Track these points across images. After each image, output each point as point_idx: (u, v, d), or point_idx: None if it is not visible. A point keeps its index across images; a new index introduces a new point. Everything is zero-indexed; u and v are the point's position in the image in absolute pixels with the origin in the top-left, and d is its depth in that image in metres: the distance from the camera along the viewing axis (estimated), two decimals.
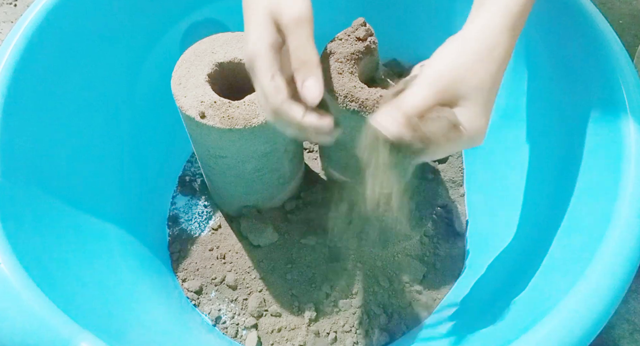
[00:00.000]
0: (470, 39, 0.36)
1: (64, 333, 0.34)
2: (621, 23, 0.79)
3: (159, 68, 0.58)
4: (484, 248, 0.58)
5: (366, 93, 0.44)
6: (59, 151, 0.47)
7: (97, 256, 0.48)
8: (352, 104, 0.44)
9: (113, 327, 0.41)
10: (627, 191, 0.39)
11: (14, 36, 0.44)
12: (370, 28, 0.48)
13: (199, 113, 0.45)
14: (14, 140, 0.42)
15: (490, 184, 0.60)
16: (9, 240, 0.37)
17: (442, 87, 0.35)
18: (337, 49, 0.47)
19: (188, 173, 0.67)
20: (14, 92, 0.43)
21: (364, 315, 0.56)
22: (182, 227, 0.62)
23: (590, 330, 0.35)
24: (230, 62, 0.49)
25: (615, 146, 0.41)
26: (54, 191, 0.45)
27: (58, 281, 0.40)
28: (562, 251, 0.43)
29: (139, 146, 0.60)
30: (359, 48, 0.47)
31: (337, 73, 0.46)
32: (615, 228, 0.37)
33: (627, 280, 0.36)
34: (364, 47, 0.47)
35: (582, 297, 0.35)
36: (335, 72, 0.46)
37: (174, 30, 0.60)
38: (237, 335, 0.56)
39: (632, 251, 0.37)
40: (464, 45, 0.36)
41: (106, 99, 0.55)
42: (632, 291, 0.63)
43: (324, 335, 0.55)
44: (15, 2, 0.96)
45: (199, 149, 0.52)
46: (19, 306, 0.34)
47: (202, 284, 0.58)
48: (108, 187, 0.54)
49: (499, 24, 0.36)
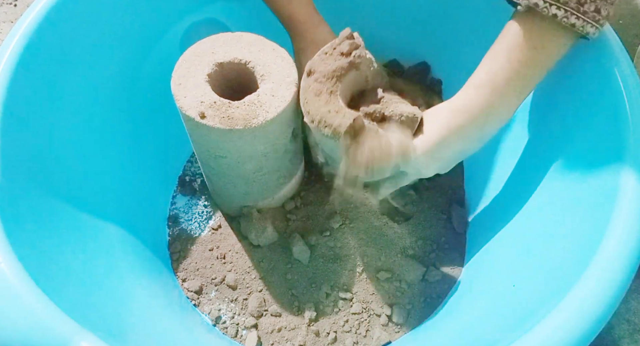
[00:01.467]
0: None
1: (64, 333, 0.34)
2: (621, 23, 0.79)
3: (159, 68, 0.58)
4: (483, 250, 0.58)
5: (339, 118, 0.43)
6: (59, 151, 0.47)
7: (97, 256, 0.48)
8: (326, 129, 0.43)
9: (113, 327, 0.41)
10: (627, 191, 0.39)
11: (14, 36, 0.44)
12: (357, 40, 0.45)
13: (198, 113, 0.45)
14: (14, 140, 0.42)
15: (491, 185, 0.60)
16: (9, 240, 0.37)
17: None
18: (317, 67, 0.45)
19: (188, 173, 0.67)
20: (14, 92, 0.43)
21: (364, 314, 0.56)
22: (182, 227, 0.62)
23: (590, 330, 0.35)
24: (230, 62, 0.49)
25: (616, 146, 0.41)
26: (54, 191, 0.45)
27: (58, 281, 0.40)
28: (561, 251, 0.43)
29: (139, 146, 0.60)
30: (342, 64, 0.44)
31: (314, 95, 0.44)
32: (615, 227, 0.37)
33: (627, 280, 0.36)
34: (347, 63, 0.44)
35: (582, 297, 0.35)
36: (313, 93, 0.44)
37: (174, 30, 0.60)
38: (237, 335, 0.56)
39: (632, 251, 0.37)
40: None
41: (106, 99, 0.55)
42: (632, 291, 0.63)
43: (324, 335, 0.55)
44: (15, 2, 0.96)
45: (199, 149, 0.52)
46: (19, 306, 0.34)
47: (202, 284, 0.58)
48: (108, 187, 0.54)
49: (446, 112, 0.45)
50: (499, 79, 0.42)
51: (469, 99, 0.43)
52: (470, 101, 0.43)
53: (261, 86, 0.48)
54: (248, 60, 0.49)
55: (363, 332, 0.55)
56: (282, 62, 0.49)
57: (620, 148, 0.41)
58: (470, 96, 0.43)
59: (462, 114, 0.43)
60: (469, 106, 0.43)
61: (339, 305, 0.56)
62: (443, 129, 0.44)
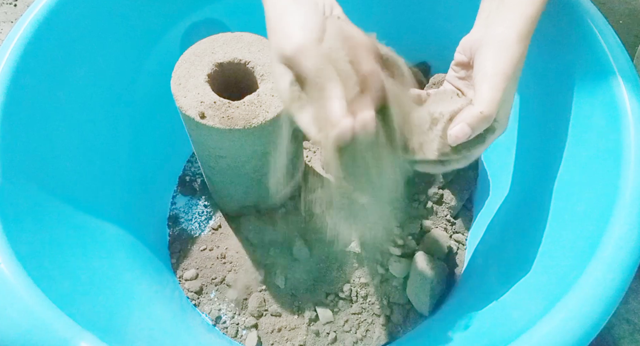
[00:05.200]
0: (491, 42, 0.40)
1: (63, 333, 0.34)
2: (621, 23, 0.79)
3: (159, 68, 0.58)
4: (483, 249, 0.58)
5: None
6: (59, 151, 0.47)
7: (97, 256, 0.47)
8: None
9: (113, 327, 0.41)
10: (626, 190, 0.39)
11: (14, 36, 0.44)
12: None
13: (198, 113, 0.45)
14: (14, 140, 0.42)
15: (491, 186, 0.60)
16: (9, 240, 0.37)
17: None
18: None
19: (188, 173, 0.67)
20: (14, 92, 0.43)
21: (364, 314, 0.56)
22: (182, 227, 0.62)
23: (590, 330, 0.35)
24: (230, 62, 0.49)
25: (616, 147, 0.41)
26: (54, 191, 0.45)
27: (58, 281, 0.40)
28: (561, 250, 0.43)
29: (139, 146, 0.60)
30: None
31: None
32: (614, 227, 0.37)
33: (627, 280, 0.36)
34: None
35: (582, 297, 0.35)
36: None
37: (174, 30, 0.60)
38: (237, 335, 0.56)
39: (632, 251, 0.37)
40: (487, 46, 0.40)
41: (106, 99, 0.55)
42: (632, 291, 0.63)
43: (324, 335, 0.55)
44: (15, 2, 0.96)
45: (199, 149, 0.52)
46: (19, 306, 0.34)
47: (202, 284, 0.58)
48: (108, 187, 0.54)
49: (517, 32, 0.39)
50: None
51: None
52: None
53: (261, 86, 0.48)
54: (248, 60, 0.49)
55: (363, 332, 0.55)
56: None
57: (620, 148, 0.41)
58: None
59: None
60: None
61: (338, 305, 0.56)
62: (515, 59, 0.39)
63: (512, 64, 0.38)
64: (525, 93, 0.56)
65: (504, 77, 0.38)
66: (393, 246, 0.57)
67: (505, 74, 0.38)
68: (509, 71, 0.38)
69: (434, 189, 0.61)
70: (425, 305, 0.55)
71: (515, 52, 0.39)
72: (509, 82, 0.38)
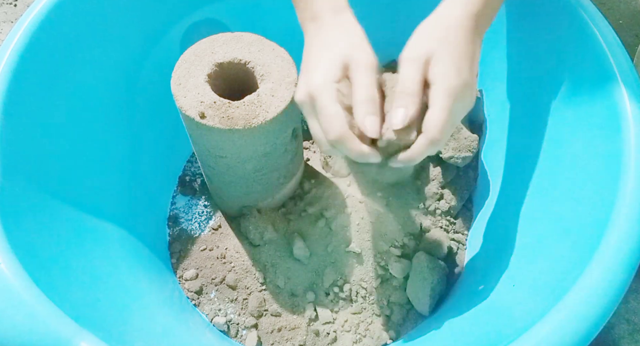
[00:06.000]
0: (434, 22, 0.41)
1: (63, 333, 0.34)
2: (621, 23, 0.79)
3: (159, 68, 0.58)
4: (483, 250, 0.58)
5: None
6: (59, 151, 0.47)
7: (97, 256, 0.48)
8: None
9: (113, 327, 0.41)
10: (626, 190, 0.39)
11: (14, 36, 0.44)
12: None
13: (198, 113, 0.45)
14: (14, 140, 0.42)
15: (491, 186, 0.60)
16: (9, 240, 0.37)
17: (418, 56, 0.38)
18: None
19: (188, 173, 0.67)
20: (14, 92, 0.43)
21: (364, 314, 0.56)
22: (182, 227, 0.62)
23: (590, 330, 0.35)
24: (230, 63, 0.49)
25: (616, 147, 0.41)
26: (54, 191, 0.45)
27: (58, 281, 0.40)
28: (561, 250, 0.43)
29: (139, 145, 0.60)
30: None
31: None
32: (614, 227, 0.37)
33: (627, 280, 0.36)
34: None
35: (582, 297, 0.35)
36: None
37: (174, 30, 0.60)
38: (237, 335, 0.56)
39: (632, 251, 0.37)
40: (431, 26, 0.41)
41: (106, 99, 0.55)
42: (632, 291, 0.63)
43: (324, 335, 0.55)
44: (15, 2, 0.96)
45: (199, 149, 0.52)
46: (19, 306, 0.34)
47: (202, 284, 0.58)
48: (108, 187, 0.54)
49: (461, 11, 0.40)
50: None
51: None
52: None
53: (261, 86, 0.48)
54: (248, 60, 0.49)
55: (363, 332, 0.55)
56: (282, 62, 0.49)
57: (620, 148, 0.41)
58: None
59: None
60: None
61: (338, 305, 0.56)
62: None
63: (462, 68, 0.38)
64: (525, 93, 0.56)
65: (451, 94, 0.37)
66: (393, 246, 0.57)
67: (453, 90, 0.37)
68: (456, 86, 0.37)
69: (434, 189, 0.61)
70: (425, 305, 0.55)
71: (463, 38, 0.39)
72: (456, 100, 0.37)
